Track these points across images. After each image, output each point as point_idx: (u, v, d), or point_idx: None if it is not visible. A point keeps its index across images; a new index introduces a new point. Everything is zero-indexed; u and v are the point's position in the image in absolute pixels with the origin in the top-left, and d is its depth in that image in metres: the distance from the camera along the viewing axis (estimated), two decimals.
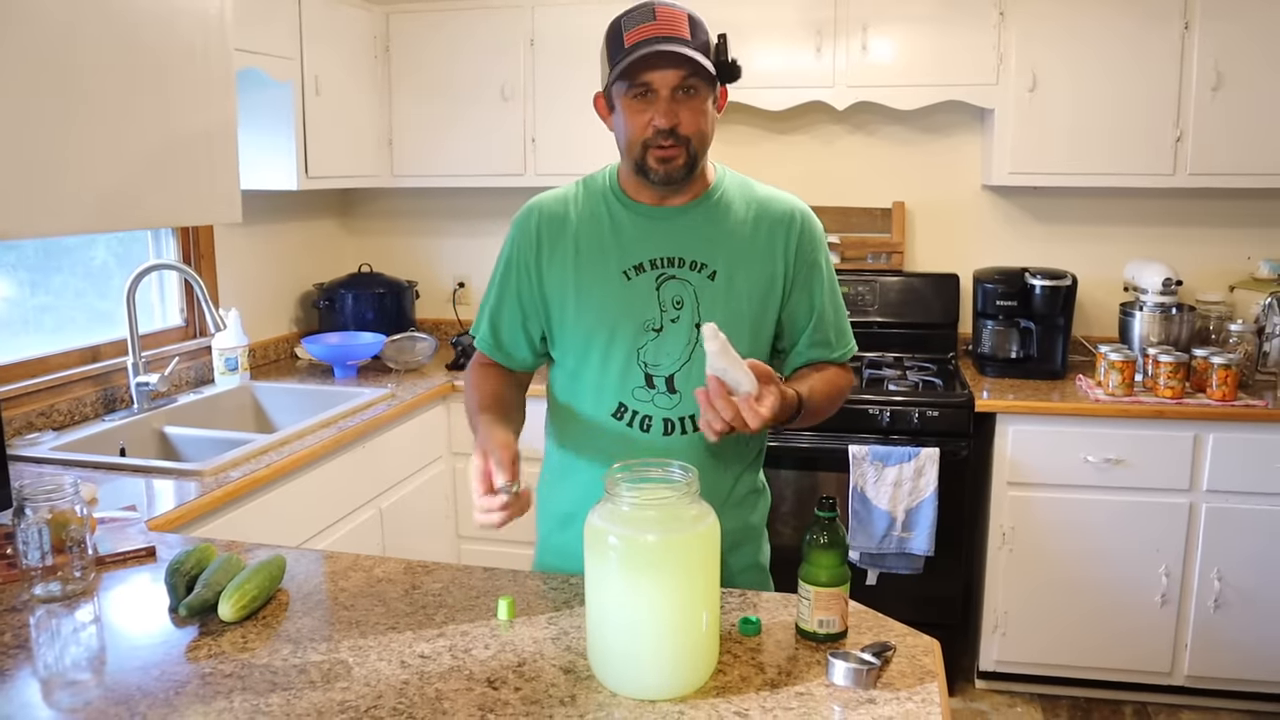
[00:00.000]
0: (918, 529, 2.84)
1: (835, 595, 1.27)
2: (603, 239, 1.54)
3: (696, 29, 1.44)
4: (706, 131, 1.48)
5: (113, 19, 1.97)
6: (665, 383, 1.51)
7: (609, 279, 1.52)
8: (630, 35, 1.42)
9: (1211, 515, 2.81)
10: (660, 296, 1.51)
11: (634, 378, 1.52)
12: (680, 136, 1.44)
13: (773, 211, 1.57)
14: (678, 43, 1.41)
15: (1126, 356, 2.86)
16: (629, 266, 1.52)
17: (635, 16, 1.43)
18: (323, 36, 3.11)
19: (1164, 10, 2.93)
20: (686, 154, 1.46)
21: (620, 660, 1.18)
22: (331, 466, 2.52)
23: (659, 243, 1.53)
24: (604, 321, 1.52)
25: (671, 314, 1.51)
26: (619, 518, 1.15)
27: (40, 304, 2.66)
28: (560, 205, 1.59)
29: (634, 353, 1.51)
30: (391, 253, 3.94)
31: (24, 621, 1.42)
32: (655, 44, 1.40)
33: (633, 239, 1.53)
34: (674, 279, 1.51)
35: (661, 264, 1.52)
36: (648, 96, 1.43)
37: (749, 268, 1.53)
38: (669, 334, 1.51)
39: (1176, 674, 2.92)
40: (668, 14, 1.43)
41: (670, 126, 1.43)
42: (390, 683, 1.20)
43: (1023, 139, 3.09)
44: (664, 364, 1.51)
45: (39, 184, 1.85)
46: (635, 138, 1.46)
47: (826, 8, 3.13)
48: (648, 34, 1.41)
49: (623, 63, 1.41)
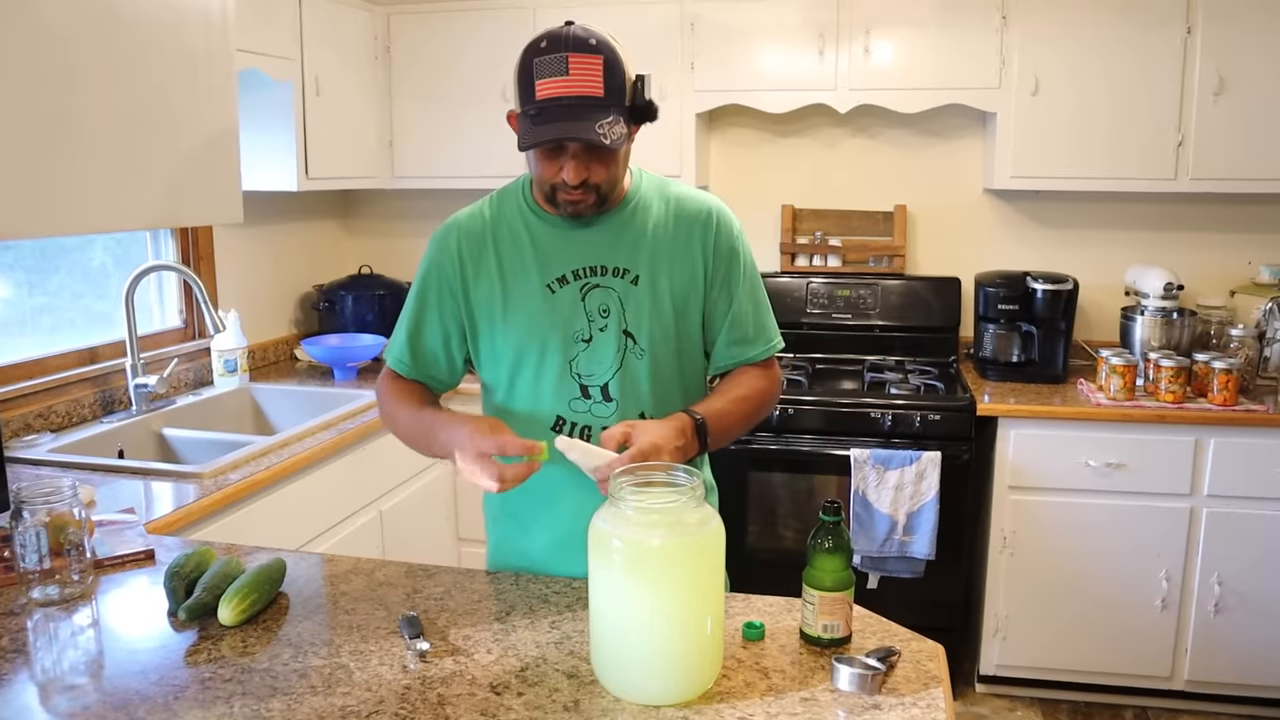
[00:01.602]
0: (919, 533, 2.83)
1: (840, 600, 1.27)
2: (523, 253, 1.54)
3: (612, 74, 1.38)
4: (618, 175, 1.48)
5: (114, 20, 1.97)
6: (600, 391, 1.52)
7: (533, 293, 1.52)
8: (541, 87, 1.37)
9: (1212, 520, 2.80)
10: (586, 306, 1.52)
11: (569, 389, 1.52)
12: (590, 185, 1.44)
13: (689, 210, 1.56)
14: (589, 106, 1.37)
15: (1128, 361, 2.86)
16: (552, 279, 1.52)
17: (547, 65, 1.37)
18: (323, 37, 3.10)
19: (1166, 15, 2.93)
20: (596, 196, 1.46)
21: (624, 665, 1.17)
22: (331, 469, 2.51)
23: (579, 252, 1.52)
24: (533, 336, 1.52)
25: (599, 323, 1.52)
26: (623, 521, 1.14)
27: (38, 305, 2.65)
28: (478, 222, 1.58)
29: (566, 365, 1.52)
30: (392, 254, 3.93)
31: (21, 625, 1.41)
32: (564, 115, 1.36)
33: (553, 251, 1.53)
34: (598, 287, 1.52)
35: (584, 273, 1.52)
36: (557, 150, 1.42)
37: (670, 269, 1.54)
38: (599, 343, 1.52)
39: (1177, 678, 2.91)
40: (582, 66, 1.37)
41: (579, 182, 1.42)
42: (392, 687, 1.19)
43: (1025, 143, 3.09)
44: (598, 373, 1.52)
45: (39, 183, 1.84)
46: (544, 180, 1.46)
47: (829, 11, 3.12)
48: (557, 91, 1.36)
49: (529, 132, 1.38)
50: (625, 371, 1.51)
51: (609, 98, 1.38)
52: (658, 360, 1.53)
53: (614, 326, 1.51)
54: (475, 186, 3.54)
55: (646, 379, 1.53)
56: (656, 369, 1.53)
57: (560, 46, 1.38)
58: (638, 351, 1.52)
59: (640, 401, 1.53)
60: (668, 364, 1.54)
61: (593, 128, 1.36)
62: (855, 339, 3.37)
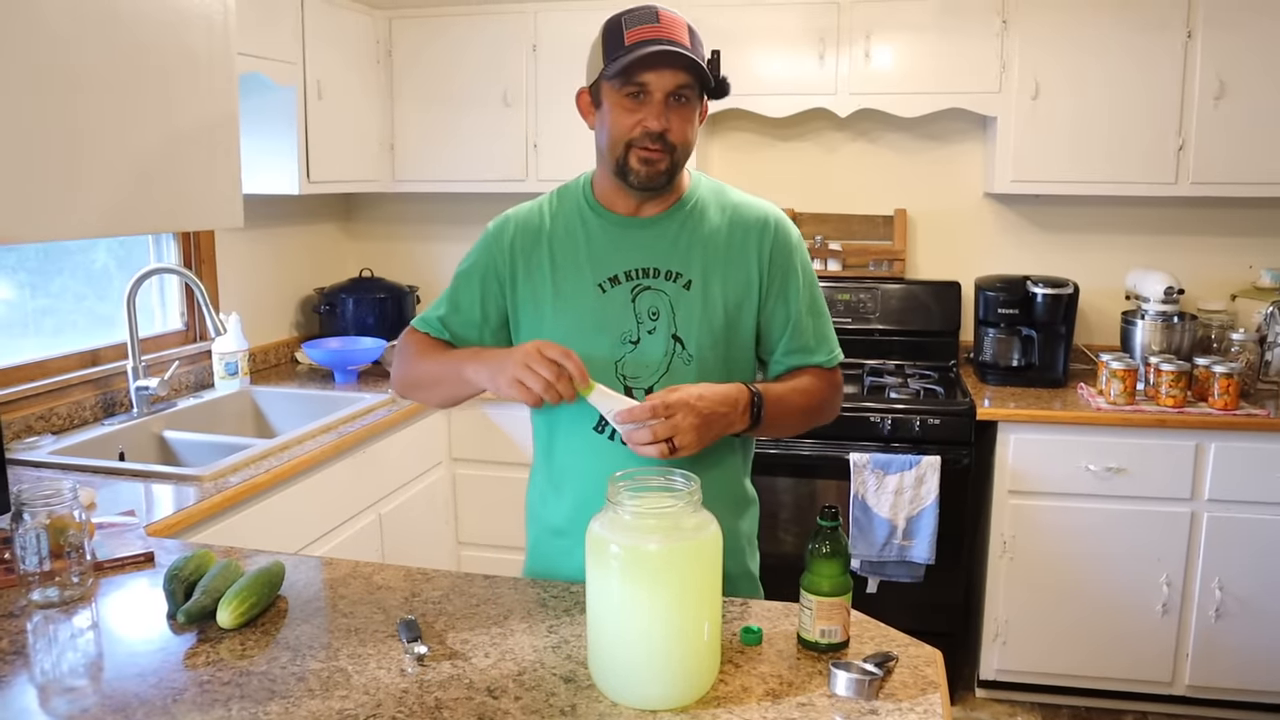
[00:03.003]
0: (918, 537, 2.83)
1: (837, 605, 1.27)
2: (577, 251, 1.54)
3: (695, 39, 1.45)
4: (691, 141, 1.48)
5: (116, 24, 1.97)
6: (644, 395, 1.50)
7: (584, 292, 1.52)
8: (631, 34, 1.42)
9: (1213, 524, 2.80)
10: (636, 308, 1.50)
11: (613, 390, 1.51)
12: (668, 142, 1.44)
13: (746, 218, 1.55)
14: (679, 47, 1.41)
15: (1128, 365, 2.86)
16: (604, 279, 1.51)
17: (637, 16, 1.43)
18: (325, 41, 3.11)
19: (1166, 19, 2.93)
20: (670, 160, 1.46)
21: (621, 669, 1.17)
22: (331, 472, 2.52)
23: (633, 253, 1.52)
24: (581, 334, 1.50)
25: (648, 325, 1.50)
26: (621, 526, 1.14)
27: (40, 307, 2.65)
28: (535, 217, 1.59)
29: (612, 365, 1.50)
30: (392, 257, 3.94)
31: (21, 627, 1.41)
32: (658, 44, 1.40)
33: (607, 250, 1.53)
34: (649, 289, 1.51)
35: (636, 275, 1.51)
36: (640, 98, 1.43)
37: (724, 275, 1.52)
38: (646, 346, 1.50)
39: (1177, 683, 2.91)
40: (670, 19, 1.44)
41: (661, 130, 1.43)
42: (389, 691, 1.19)
43: (1025, 147, 3.09)
44: (643, 376, 1.50)
45: (42, 188, 1.85)
46: (620, 137, 1.46)
47: (830, 15, 3.13)
48: (650, 35, 1.41)
49: (622, 59, 1.40)
50: (671, 376, 1.49)
51: (694, 54, 1.42)
52: (705, 367, 1.51)
53: (663, 330, 1.50)
54: (476, 190, 3.57)
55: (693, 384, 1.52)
56: (703, 376, 1.50)
57: (649, 7, 1.45)
58: (685, 357, 1.50)
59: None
60: (715, 371, 1.51)
61: (688, 54, 1.40)
62: (855, 343, 3.37)
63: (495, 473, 3.25)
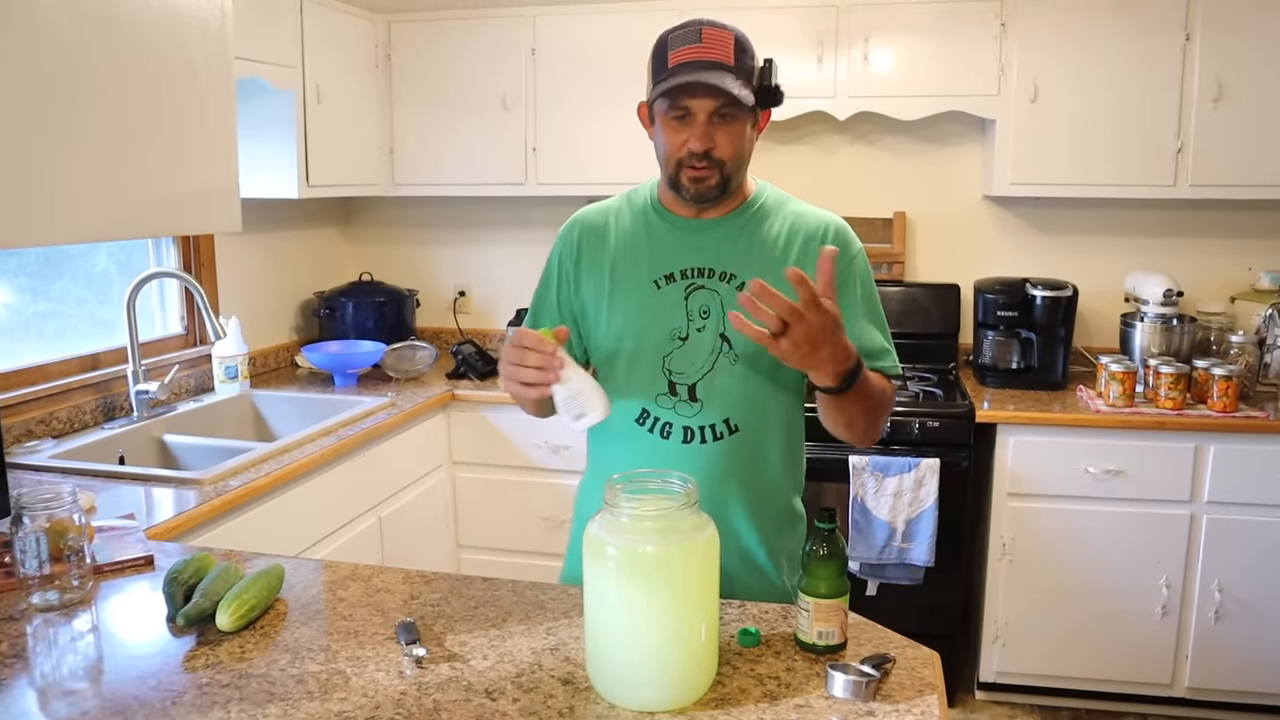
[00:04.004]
0: (918, 539, 2.83)
1: (835, 607, 1.27)
2: (638, 249, 1.57)
3: (743, 52, 1.46)
4: (743, 154, 1.50)
5: (113, 29, 1.98)
6: (688, 391, 1.52)
7: (640, 288, 1.55)
8: (675, 55, 1.44)
9: (1212, 527, 2.80)
10: (688, 306, 1.53)
11: (658, 384, 1.53)
12: (714, 159, 1.46)
13: (806, 226, 1.57)
14: (719, 69, 1.42)
15: (1127, 367, 2.86)
16: (660, 276, 1.54)
17: (681, 36, 1.45)
18: (324, 45, 3.12)
19: (1165, 22, 2.94)
20: (720, 175, 1.48)
21: (618, 671, 1.17)
22: (331, 475, 2.52)
23: (691, 253, 1.54)
24: (632, 328, 1.54)
25: (698, 323, 1.52)
26: (618, 528, 1.15)
27: (41, 311, 2.66)
28: (602, 217, 1.63)
29: (659, 360, 1.53)
30: (392, 261, 3.94)
31: (21, 631, 1.41)
32: (696, 70, 1.41)
33: (666, 249, 1.56)
34: (702, 289, 1.53)
35: (691, 274, 1.54)
36: (685, 119, 1.45)
37: (779, 281, 1.51)
38: (694, 343, 1.52)
39: (1177, 685, 2.91)
40: (714, 37, 1.44)
41: (704, 150, 1.45)
42: (388, 693, 1.20)
43: (1024, 149, 3.09)
44: (688, 372, 1.52)
45: (41, 193, 1.85)
46: (671, 155, 1.49)
47: (828, 18, 3.13)
48: (691, 57, 1.43)
49: (662, 85, 1.43)
50: (715, 374, 1.51)
51: (739, 69, 1.43)
52: (751, 368, 1.52)
53: (711, 329, 1.52)
54: (475, 194, 3.58)
55: (737, 385, 1.52)
56: (749, 377, 1.52)
57: (694, 25, 1.46)
58: (731, 356, 1.51)
59: (726, 407, 1.51)
60: (761, 374, 1.52)
61: (723, 79, 1.40)
62: None
63: (495, 476, 3.25)
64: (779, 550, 1.59)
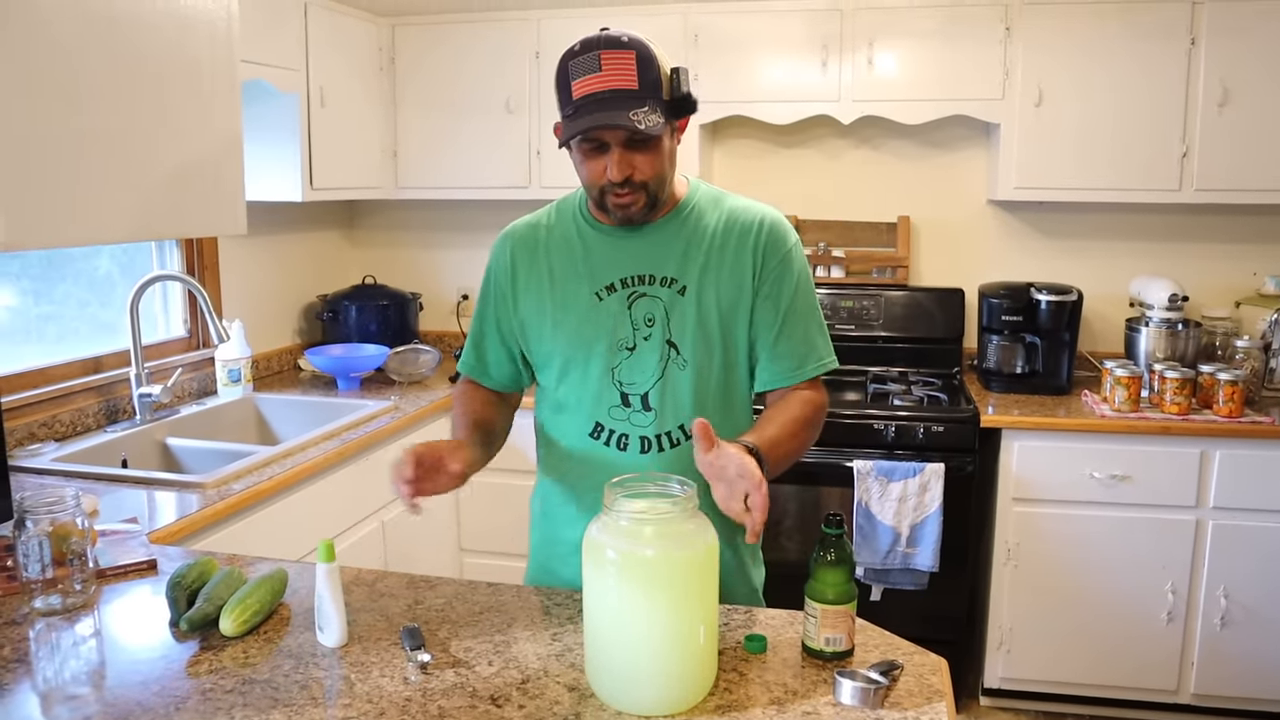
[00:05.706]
0: (922, 545, 2.82)
1: (842, 613, 1.26)
2: (574, 261, 1.55)
3: (647, 69, 1.40)
4: (663, 171, 1.47)
5: (118, 32, 1.98)
6: (640, 400, 1.51)
7: (581, 301, 1.53)
8: (577, 87, 1.40)
9: (1218, 532, 2.79)
10: (632, 315, 1.51)
11: (610, 397, 1.52)
12: (635, 183, 1.44)
13: (741, 220, 1.55)
14: (624, 98, 1.38)
15: (1132, 372, 2.85)
16: (600, 287, 1.53)
17: (581, 64, 1.40)
18: (329, 48, 3.12)
19: (1170, 26, 2.93)
20: (645, 196, 1.46)
21: (617, 673, 1.17)
22: (334, 479, 2.51)
23: (629, 261, 1.53)
24: (578, 343, 1.53)
25: (644, 332, 1.51)
26: (617, 532, 1.14)
27: (43, 314, 2.66)
28: (533, 230, 1.61)
29: (609, 372, 1.52)
30: (395, 265, 3.94)
31: (23, 635, 1.41)
32: (598, 108, 1.38)
33: (604, 259, 1.54)
34: (645, 296, 1.51)
35: (632, 282, 1.52)
36: (600, 148, 1.43)
37: (718, 279, 1.52)
38: (642, 352, 1.51)
39: (1183, 692, 2.90)
40: (614, 61, 1.39)
41: (624, 178, 1.43)
42: (393, 699, 1.19)
43: (1028, 154, 3.09)
44: (639, 382, 1.51)
45: (46, 196, 1.85)
46: (592, 183, 1.47)
47: (833, 22, 3.13)
48: (592, 88, 1.39)
49: (570, 126, 1.40)
50: (666, 381, 1.50)
51: (644, 90, 1.39)
52: (701, 372, 1.51)
53: (658, 336, 1.51)
54: (479, 197, 3.57)
55: (688, 390, 1.51)
56: (699, 381, 1.51)
57: (593, 47, 1.41)
58: (680, 362, 1.51)
59: (680, 413, 1.51)
60: (711, 377, 1.52)
61: (626, 115, 1.37)
62: (858, 350, 3.37)
63: (498, 480, 3.22)
64: (743, 549, 1.61)
